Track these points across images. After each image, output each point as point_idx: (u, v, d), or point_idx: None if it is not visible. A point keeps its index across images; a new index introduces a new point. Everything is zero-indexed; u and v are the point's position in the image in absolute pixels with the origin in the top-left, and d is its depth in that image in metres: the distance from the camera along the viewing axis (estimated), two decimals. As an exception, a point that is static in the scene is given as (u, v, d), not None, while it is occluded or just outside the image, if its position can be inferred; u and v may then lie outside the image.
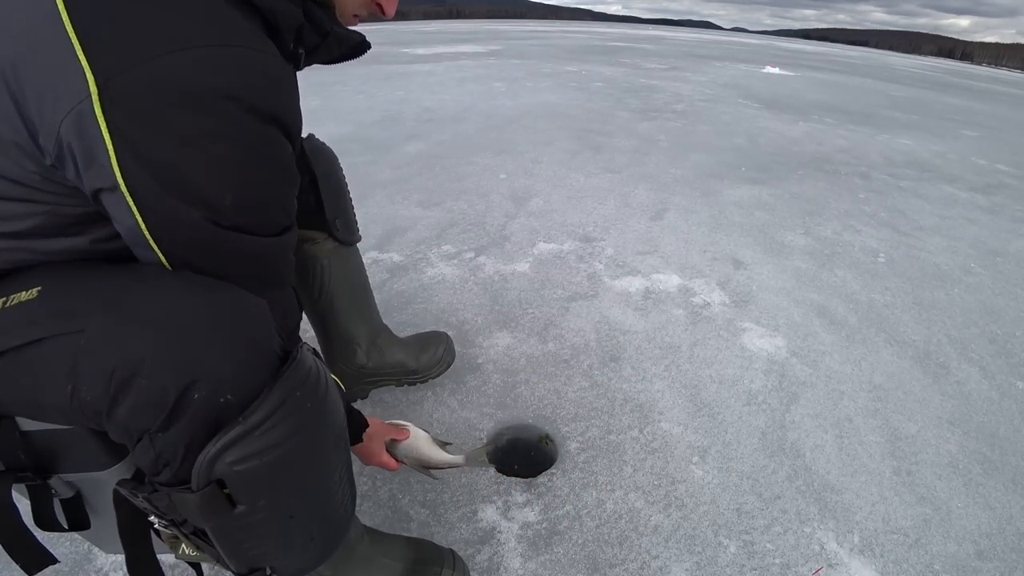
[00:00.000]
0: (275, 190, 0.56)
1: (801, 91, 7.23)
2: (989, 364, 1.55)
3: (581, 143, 3.46)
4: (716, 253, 2.06)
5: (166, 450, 0.49)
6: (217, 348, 0.48)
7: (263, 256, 0.57)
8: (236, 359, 0.49)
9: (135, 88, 0.44)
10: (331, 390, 0.57)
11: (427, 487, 1.03)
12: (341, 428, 0.60)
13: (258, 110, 0.49)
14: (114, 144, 0.45)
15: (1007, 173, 3.76)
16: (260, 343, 0.51)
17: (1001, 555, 1.00)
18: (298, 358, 0.53)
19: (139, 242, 0.51)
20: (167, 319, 0.47)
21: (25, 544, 0.60)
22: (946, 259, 2.21)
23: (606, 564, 0.92)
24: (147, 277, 0.52)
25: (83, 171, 0.47)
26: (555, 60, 8.60)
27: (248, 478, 0.50)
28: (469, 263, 1.85)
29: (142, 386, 0.46)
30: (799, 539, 0.99)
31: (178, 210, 0.49)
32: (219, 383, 0.47)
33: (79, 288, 0.52)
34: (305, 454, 0.53)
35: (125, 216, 0.49)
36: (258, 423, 0.49)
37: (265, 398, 0.49)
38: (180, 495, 0.50)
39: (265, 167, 0.53)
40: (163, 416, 0.46)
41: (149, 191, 0.47)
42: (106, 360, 0.46)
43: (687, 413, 1.26)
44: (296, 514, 0.56)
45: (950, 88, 11.45)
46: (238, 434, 0.48)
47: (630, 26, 52.12)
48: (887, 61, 23.67)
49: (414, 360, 1.23)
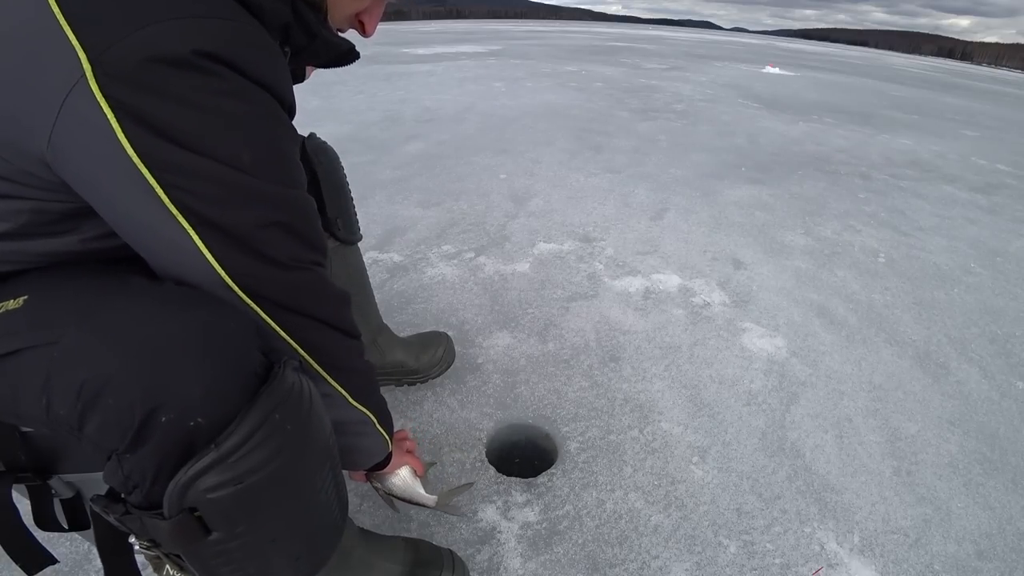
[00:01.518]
0: (288, 147, 0.55)
1: (801, 91, 7.23)
2: (989, 364, 1.55)
3: (581, 143, 3.46)
4: (716, 253, 2.06)
5: (135, 472, 0.46)
6: (187, 368, 0.45)
7: (293, 205, 0.54)
8: (207, 380, 0.46)
9: (130, 56, 0.43)
10: (316, 406, 0.54)
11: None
12: (327, 445, 0.57)
13: (251, 76, 0.49)
14: (116, 117, 0.43)
15: (1007, 173, 3.76)
16: (235, 362, 0.48)
17: (1001, 555, 1.00)
18: (278, 377, 0.49)
19: (153, 214, 0.47)
20: (137, 336, 0.45)
21: (25, 544, 0.59)
22: (946, 259, 2.21)
23: (606, 564, 0.92)
24: (128, 289, 0.50)
25: None
26: (555, 60, 8.60)
27: (223, 506, 0.47)
28: (469, 263, 1.85)
29: (108, 405, 0.44)
30: (799, 539, 0.99)
31: (196, 164, 0.46)
32: (188, 405, 0.45)
33: (62, 297, 0.50)
34: (286, 477, 0.50)
35: (140, 194, 0.46)
36: (233, 449, 0.46)
37: (241, 422, 0.46)
38: (152, 520, 0.47)
39: (272, 126, 0.52)
40: (129, 437, 0.44)
41: (161, 153, 0.45)
42: (75, 375, 0.44)
43: (687, 413, 1.26)
44: (278, 537, 0.53)
45: (950, 88, 11.45)
46: (211, 461, 0.45)
47: (630, 26, 52.13)
48: (887, 61, 23.67)
49: (414, 360, 1.23)
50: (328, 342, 0.61)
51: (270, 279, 0.53)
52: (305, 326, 0.58)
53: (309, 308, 0.57)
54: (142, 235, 0.50)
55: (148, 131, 0.44)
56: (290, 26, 0.57)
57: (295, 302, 0.56)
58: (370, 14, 0.68)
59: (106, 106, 0.43)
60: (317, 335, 0.59)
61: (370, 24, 0.68)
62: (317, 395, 0.55)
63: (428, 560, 0.83)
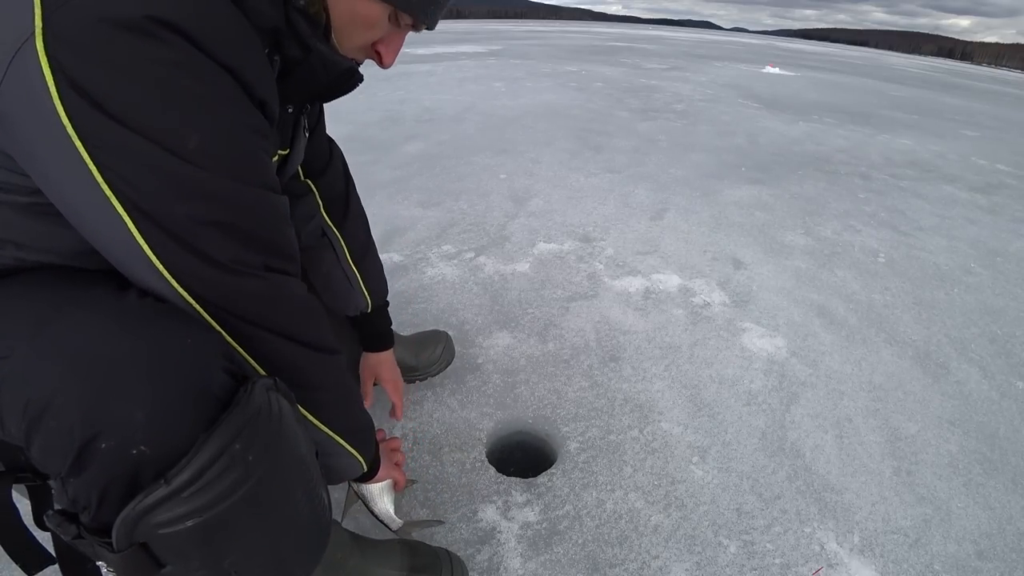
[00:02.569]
0: (248, 139, 0.49)
1: (801, 91, 7.23)
2: (989, 364, 1.55)
3: (581, 143, 3.46)
4: (716, 253, 2.06)
5: (80, 496, 0.43)
6: (130, 391, 0.42)
7: (241, 203, 0.48)
8: (150, 405, 0.42)
9: (80, 15, 0.39)
10: (288, 428, 0.49)
11: (427, 487, 1.03)
12: (302, 468, 0.52)
13: (211, 53, 0.44)
14: (56, 83, 0.39)
15: (1007, 173, 3.76)
16: (186, 385, 0.43)
17: (1001, 555, 1.00)
18: (241, 401, 0.45)
19: (90, 197, 0.43)
20: (84, 355, 0.42)
21: (25, 544, 0.59)
22: (946, 259, 2.21)
23: (606, 564, 0.92)
24: (88, 301, 0.46)
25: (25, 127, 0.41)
26: (555, 60, 8.59)
27: (176, 542, 0.43)
28: (469, 263, 1.85)
29: (50, 427, 0.41)
30: (799, 539, 0.99)
31: (133, 144, 0.42)
32: (129, 432, 0.41)
33: (21, 308, 0.47)
34: (247, 509, 0.45)
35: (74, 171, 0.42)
36: (185, 484, 0.41)
37: (195, 454, 0.42)
38: (101, 549, 0.44)
39: (231, 113, 0.47)
40: (69, 462, 0.41)
41: (98, 128, 0.41)
42: (22, 392, 0.42)
43: (687, 413, 1.26)
44: (240, 569, 0.48)
45: (950, 88, 11.45)
46: (161, 497, 0.41)
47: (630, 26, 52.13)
48: (887, 61, 23.67)
49: (413, 358, 1.23)
50: (287, 357, 0.55)
51: (213, 282, 0.48)
52: (258, 337, 0.53)
53: (261, 318, 0.52)
54: (84, 221, 0.46)
55: (87, 102, 0.40)
56: (280, 31, 0.54)
57: (243, 310, 0.51)
58: (388, 43, 0.63)
59: (47, 69, 0.39)
60: (272, 348, 0.54)
61: (388, 54, 0.64)
62: (291, 416, 0.50)
63: (426, 563, 0.81)
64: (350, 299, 1.02)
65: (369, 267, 1.02)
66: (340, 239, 0.96)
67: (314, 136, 0.87)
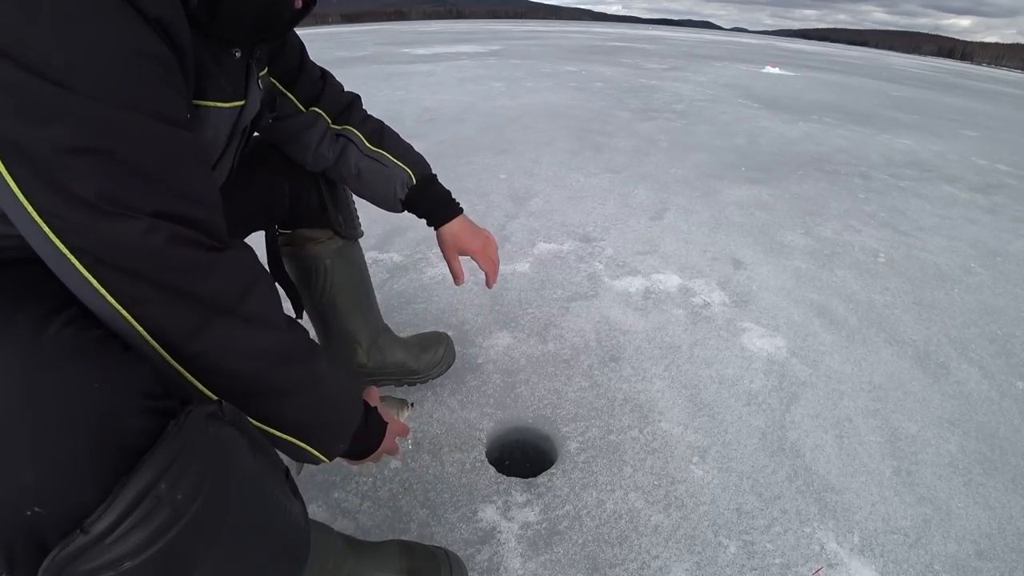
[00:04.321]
0: (135, 62, 0.43)
1: (801, 91, 7.23)
2: (989, 364, 1.55)
3: (581, 143, 3.46)
4: (716, 253, 2.06)
5: None
6: (16, 450, 0.38)
7: (121, 130, 0.42)
8: (41, 466, 0.38)
9: None
10: (230, 451, 0.45)
11: (427, 487, 1.03)
12: (253, 486, 0.48)
13: None
14: None
15: (1007, 173, 3.76)
16: (87, 441, 0.39)
17: (1001, 555, 1.00)
18: (168, 438, 0.41)
19: None
20: None
21: None
22: (946, 259, 2.21)
23: (606, 564, 0.92)
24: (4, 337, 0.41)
25: None
26: (555, 60, 8.60)
27: None
28: (469, 263, 1.85)
29: None
30: (799, 539, 0.99)
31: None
32: (17, 495, 0.37)
33: None
34: (197, 539, 0.42)
35: None
36: (105, 532, 0.38)
37: (113, 500, 0.39)
38: None
39: (112, 31, 0.42)
40: None
41: None
42: None
43: (687, 413, 1.26)
44: None
45: (950, 88, 11.45)
46: (82, 545, 0.38)
47: (630, 26, 52.12)
48: (887, 61, 23.67)
49: (415, 360, 1.23)
50: (180, 320, 0.47)
51: (85, 227, 0.42)
52: (143, 296, 0.45)
53: (147, 269, 0.44)
54: None
55: None
56: None
57: (121, 260, 0.43)
58: None
59: None
60: (161, 309, 0.46)
61: None
62: (235, 442, 0.46)
63: (425, 565, 0.81)
64: (391, 181, 0.99)
65: (393, 145, 1.00)
66: (354, 131, 0.95)
67: (302, 74, 0.87)
